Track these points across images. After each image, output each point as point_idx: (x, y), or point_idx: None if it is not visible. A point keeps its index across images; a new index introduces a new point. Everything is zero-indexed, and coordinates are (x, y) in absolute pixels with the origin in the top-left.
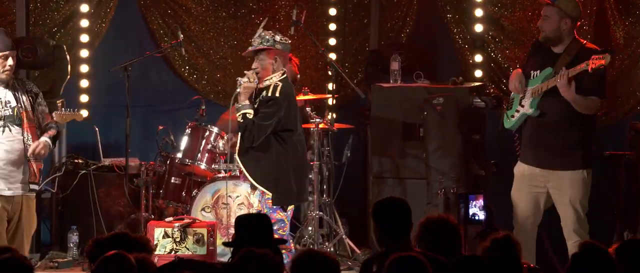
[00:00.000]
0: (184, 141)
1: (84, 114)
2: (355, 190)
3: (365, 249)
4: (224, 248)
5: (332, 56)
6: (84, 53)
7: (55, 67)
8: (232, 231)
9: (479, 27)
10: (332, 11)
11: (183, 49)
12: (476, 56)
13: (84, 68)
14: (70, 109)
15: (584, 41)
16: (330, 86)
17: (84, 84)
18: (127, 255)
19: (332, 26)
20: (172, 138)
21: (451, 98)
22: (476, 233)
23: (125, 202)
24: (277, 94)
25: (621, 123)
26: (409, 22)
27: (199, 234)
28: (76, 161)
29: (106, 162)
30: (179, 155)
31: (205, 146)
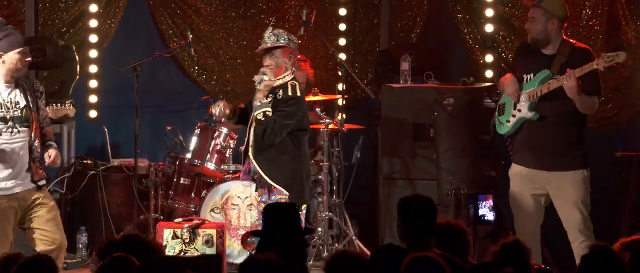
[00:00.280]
0: (193, 141)
1: (92, 114)
2: (365, 191)
3: None
4: (233, 249)
5: (342, 56)
6: (93, 53)
7: (64, 68)
8: (241, 232)
9: (489, 27)
10: (342, 11)
11: (192, 49)
12: (487, 56)
13: (92, 68)
14: (62, 104)
15: (573, 41)
16: (340, 86)
17: (93, 84)
18: (132, 258)
19: (342, 26)
20: (181, 139)
21: (462, 98)
22: (485, 234)
23: (134, 203)
24: (297, 93)
25: (632, 124)
26: (419, 22)
27: (208, 235)
28: (85, 162)
29: (115, 162)
30: (188, 155)
31: (215, 146)
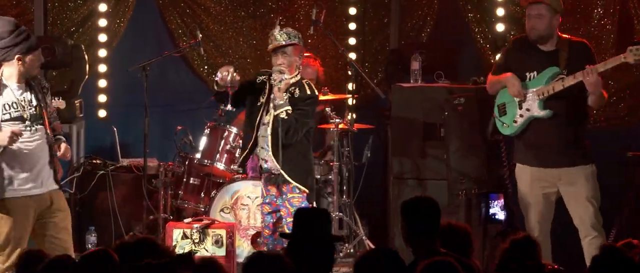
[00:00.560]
0: (203, 141)
1: (101, 114)
2: (376, 191)
3: None
4: (242, 249)
5: (352, 56)
6: (102, 53)
7: (74, 67)
8: (251, 232)
9: (500, 27)
10: (352, 10)
11: (202, 49)
12: (497, 56)
13: (102, 68)
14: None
15: (568, 35)
16: (350, 86)
17: (102, 83)
18: (112, 253)
19: (352, 25)
20: (190, 139)
21: (472, 98)
22: (496, 233)
23: (144, 203)
24: (315, 92)
25: None
26: (430, 22)
27: (218, 235)
28: (94, 161)
29: (124, 162)
30: (198, 155)
31: (224, 146)
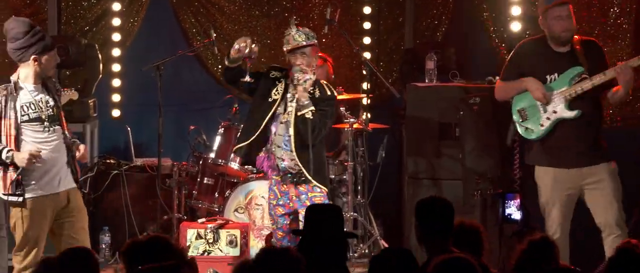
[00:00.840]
0: (217, 141)
1: (115, 113)
2: (390, 190)
3: None
4: (256, 249)
5: (367, 55)
6: (116, 52)
7: (87, 66)
8: (265, 232)
9: (516, 26)
10: (367, 10)
11: (216, 48)
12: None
13: (115, 67)
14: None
15: (576, 36)
16: (365, 86)
17: (116, 83)
18: (92, 252)
19: (367, 25)
20: (204, 138)
21: (488, 97)
22: (512, 233)
23: (158, 203)
24: (335, 93)
25: None
26: (445, 21)
27: (232, 235)
28: (108, 161)
29: (138, 162)
30: (212, 155)
31: None
